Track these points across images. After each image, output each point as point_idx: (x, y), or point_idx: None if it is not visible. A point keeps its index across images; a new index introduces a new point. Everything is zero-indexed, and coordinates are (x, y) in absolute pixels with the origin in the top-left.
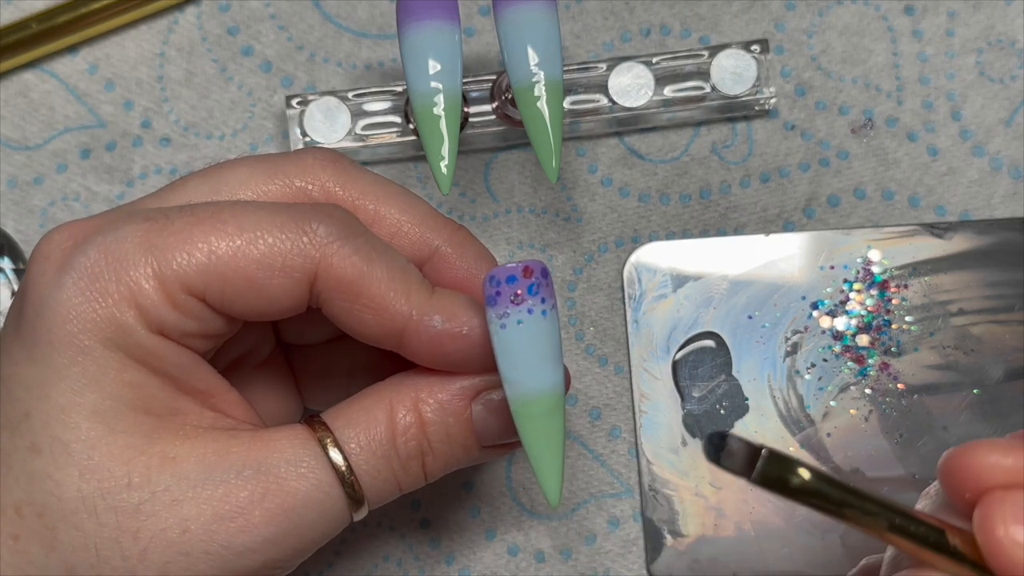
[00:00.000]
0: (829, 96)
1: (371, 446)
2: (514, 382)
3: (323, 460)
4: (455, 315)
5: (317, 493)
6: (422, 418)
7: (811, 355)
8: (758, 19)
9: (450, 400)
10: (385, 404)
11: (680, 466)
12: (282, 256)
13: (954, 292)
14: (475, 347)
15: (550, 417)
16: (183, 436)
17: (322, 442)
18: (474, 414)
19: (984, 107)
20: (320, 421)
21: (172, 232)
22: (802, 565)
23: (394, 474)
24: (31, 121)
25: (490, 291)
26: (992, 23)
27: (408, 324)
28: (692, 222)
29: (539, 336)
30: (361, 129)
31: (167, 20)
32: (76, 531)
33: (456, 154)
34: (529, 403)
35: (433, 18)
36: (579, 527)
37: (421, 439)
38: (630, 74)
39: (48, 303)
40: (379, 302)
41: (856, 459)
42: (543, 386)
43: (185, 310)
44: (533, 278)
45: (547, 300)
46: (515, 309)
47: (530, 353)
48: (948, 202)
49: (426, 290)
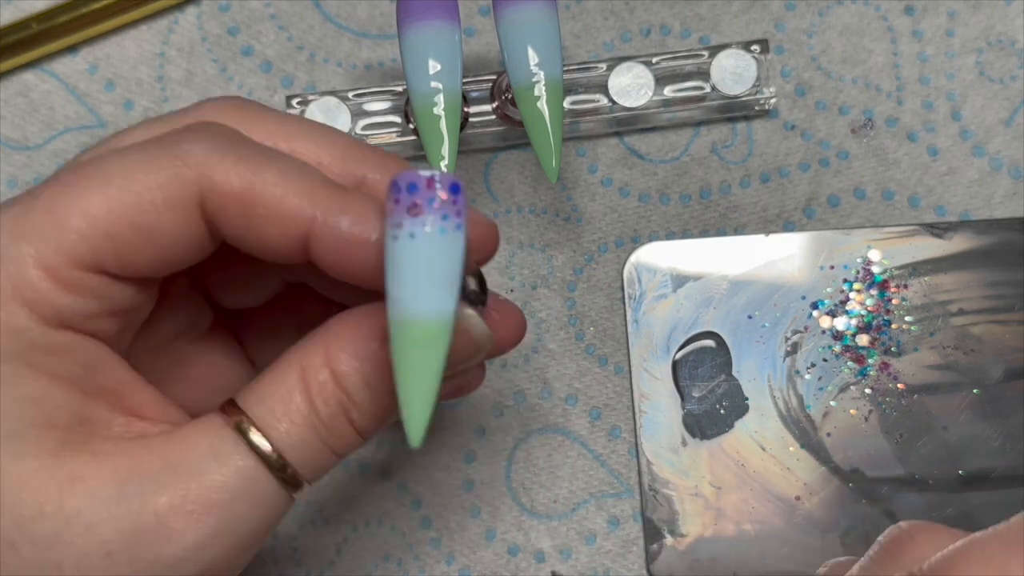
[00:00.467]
0: (829, 96)
1: (290, 416)
2: (396, 300)
3: (241, 445)
4: (365, 218)
5: (241, 482)
6: (336, 372)
7: (811, 355)
8: (758, 19)
9: (362, 346)
10: (295, 368)
11: (680, 466)
12: (159, 189)
13: (954, 292)
14: (382, 257)
15: (428, 346)
16: (91, 451)
17: (239, 427)
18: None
19: (984, 107)
20: (233, 404)
21: (40, 209)
22: (802, 565)
23: (323, 440)
24: (31, 121)
25: (389, 197)
26: (992, 23)
27: (313, 228)
28: (692, 222)
29: (432, 255)
30: (361, 129)
31: (167, 20)
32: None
33: (456, 154)
34: (408, 326)
35: (433, 18)
36: (579, 527)
37: (339, 394)
38: (630, 74)
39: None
40: (276, 207)
41: (856, 459)
42: (425, 309)
43: (81, 289)
44: (435, 191)
45: (449, 218)
46: (410, 221)
47: (419, 272)
48: (948, 202)
49: (334, 190)
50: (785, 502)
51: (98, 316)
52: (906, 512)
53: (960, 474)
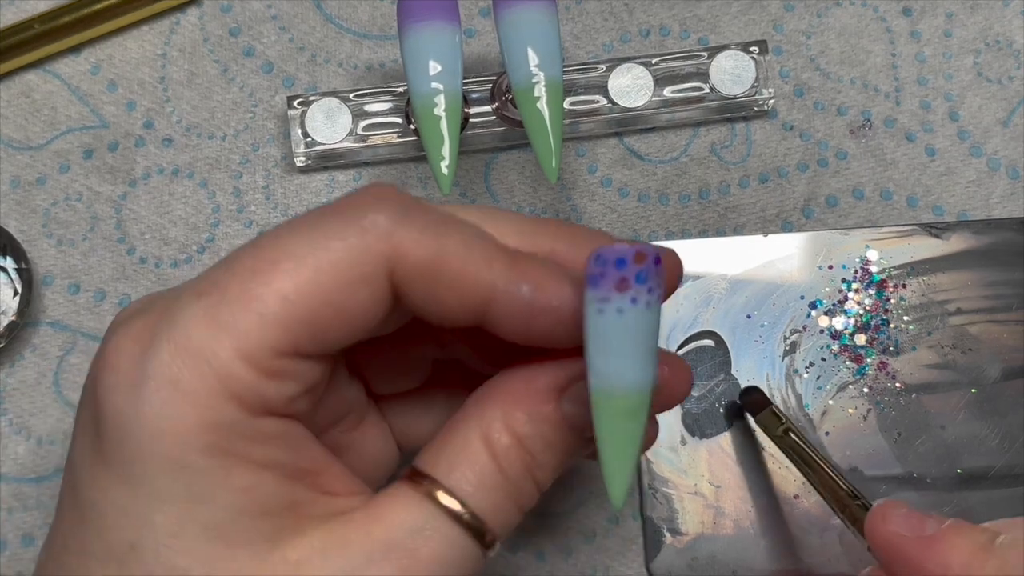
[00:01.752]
0: (827, 97)
1: (482, 481)
2: (601, 373)
3: (442, 516)
4: (545, 284)
5: (450, 551)
6: (517, 434)
7: (809, 354)
8: (757, 20)
9: (538, 407)
10: (477, 434)
11: (679, 465)
12: (355, 267)
13: (952, 292)
14: (566, 321)
15: (633, 417)
16: (300, 534)
17: (433, 497)
18: (565, 413)
19: (982, 107)
20: (421, 473)
21: (233, 299)
22: (801, 564)
23: (512, 500)
24: (34, 121)
25: (593, 271)
26: (990, 24)
27: (494, 296)
28: (691, 222)
29: (638, 329)
30: (362, 130)
31: (169, 21)
32: None
33: (456, 154)
34: (613, 398)
35: (433, 19)
36: (579, 525)
37: (524, 456)
38: (630, 75)
39: (133, 420)
40: (460, 276)
41: (854, 458)
42: (632, 383)
43: (282, 375)
44: (644, 265)
45: (654, 291)
46: (618, 296)
47: (625, 345)
48: (946, 202)
49: (507, 256)
50: (784, 500)
51: (297, 398)
52: None
53: (958, 473)
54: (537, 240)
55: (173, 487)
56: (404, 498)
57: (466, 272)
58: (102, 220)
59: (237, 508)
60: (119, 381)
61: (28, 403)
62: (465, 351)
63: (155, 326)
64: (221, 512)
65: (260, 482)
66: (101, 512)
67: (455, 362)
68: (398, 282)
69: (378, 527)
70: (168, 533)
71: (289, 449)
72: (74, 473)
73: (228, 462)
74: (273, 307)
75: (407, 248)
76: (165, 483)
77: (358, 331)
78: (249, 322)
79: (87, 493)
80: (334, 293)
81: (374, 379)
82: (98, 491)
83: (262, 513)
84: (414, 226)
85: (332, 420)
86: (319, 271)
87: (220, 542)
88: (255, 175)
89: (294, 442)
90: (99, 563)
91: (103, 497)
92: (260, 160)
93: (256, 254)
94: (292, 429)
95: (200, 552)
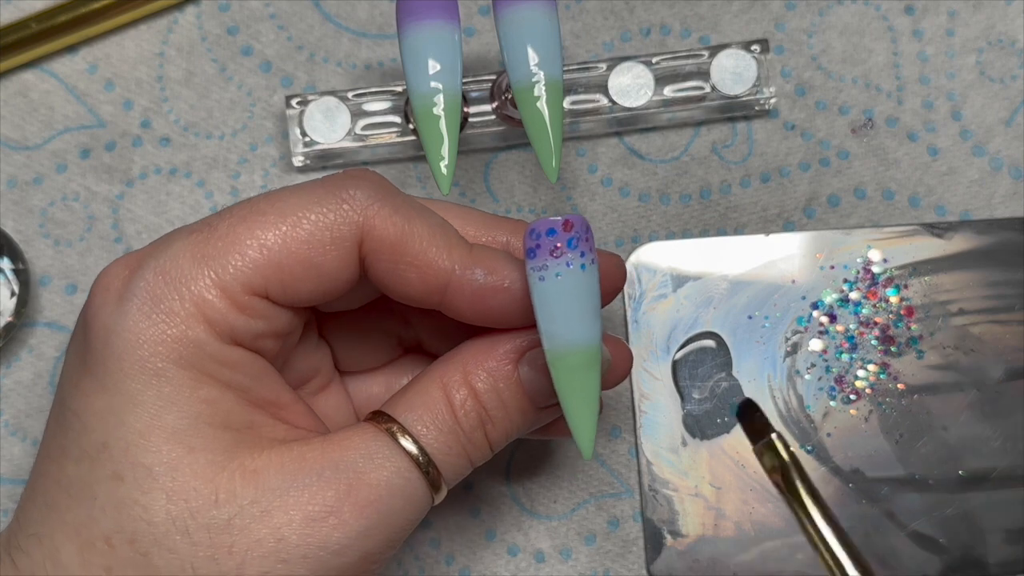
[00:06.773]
0: (829, 96)
1: (436, 425)
2: (551, 335)
3: (396, 448)
4: (496, 268)
5: (398, 480)
6: (475, 389)
7: (811, 355)
8: (758, 19)
9: (496, 367)
10: (438, 384)
11: (680, 466)
12: (329, 229)
13: (954, 292)
14: (516, 300)
15: (586, 370)
16: (259, 448)
17: (390, 432)
18: (522, 376)
19: (984, 107)
20: (382, 414)
21: (219, 237)
22: (802, 565)
23: (463, 448)
24: (31, 121)
25: (530, 244)
26: (992, 23)
27: (451, 279)
28: (692, 222)
29: (577, 289)
30: (361, 129)
31: (167, 20)
32: (170, 554)
33: (456, 154)
34: (565, 355)
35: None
36: (579, 527)
37: (479, 410)
38: (630, 74)
39: (115, 331)
40: (422, 259)
41: (856, 459)
42: (579, 339)
43: (252, 311)
44: (573, 232)
45: (586, 254)
46: (554, 262)
47: (567, 306)
48: (948, 202)
49: (465, 246)
50: (785, 502)
51: (263, 336)
52: (906, 512)
53: (960, 474)
54: (493, 233)
55: (145, 391)
56: (362, 430)
57: (428, 254)
58: (99, 220)
59: (201, 417)
60: (107, 298)
61: (24, 404)
62: (427, 333)
63: (146, 255)
64: (186, 419)
65: (223, 398)
66: (81, 418)
67: (418, 347)
68: (365, 252)
69: (333, 450)
70: (137, 433)
71: (253, 379)
72: (62, 388)
73: (196, 375)
74: (252, 250)
75: (377, 223)
76: (139, 387)
77: (325, 290)
78: (229, 259)
79: (70, 403)
80: (306, 249)
81: (341, 353)
82: (80, 399)
83: (223, 425)
84: (387, 205)
85: (299, 380)
86: (297, 227)
87: (182, 445)
88: (253, 175)
89: (258, 373)
90: (74, 462)
91: (84, 404)
92: (258, 160)
93: (250, 206)
94: (257, 362)
95: (164, 452)
